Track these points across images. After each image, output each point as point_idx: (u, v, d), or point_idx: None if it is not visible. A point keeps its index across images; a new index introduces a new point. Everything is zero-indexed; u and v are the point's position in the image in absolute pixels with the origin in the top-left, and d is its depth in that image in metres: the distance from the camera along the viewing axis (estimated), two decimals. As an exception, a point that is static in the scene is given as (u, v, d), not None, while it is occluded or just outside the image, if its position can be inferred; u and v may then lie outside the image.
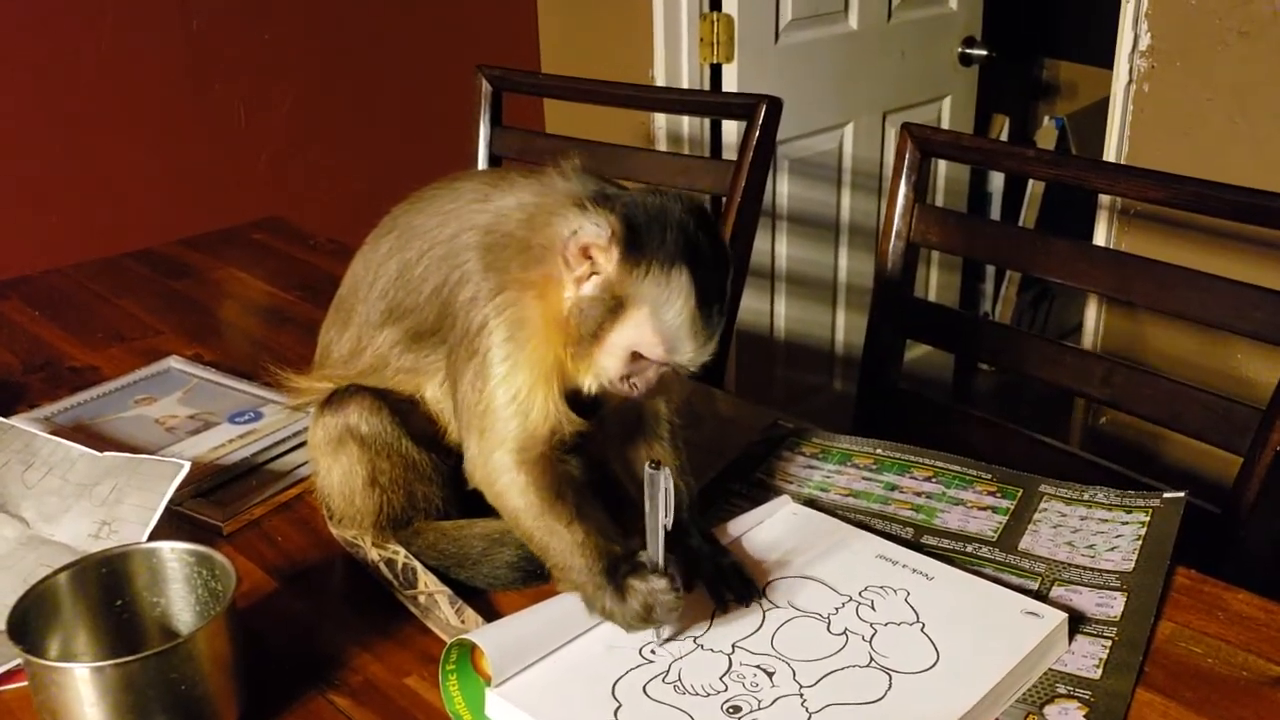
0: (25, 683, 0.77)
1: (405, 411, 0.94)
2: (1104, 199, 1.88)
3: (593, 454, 0.94)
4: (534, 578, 0.91)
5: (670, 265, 0.79)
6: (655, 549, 0.81)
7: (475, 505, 0.94)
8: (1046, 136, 3.07)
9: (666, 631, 0.82)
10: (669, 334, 0.80)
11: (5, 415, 1.12)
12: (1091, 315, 1.92)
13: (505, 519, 0.87)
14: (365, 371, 0.95)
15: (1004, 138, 3.18)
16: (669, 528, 0.81)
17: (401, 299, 0.91)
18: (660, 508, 0.80)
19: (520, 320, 0.83)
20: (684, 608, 0.81)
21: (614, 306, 0.81)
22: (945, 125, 2.76)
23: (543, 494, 0.84)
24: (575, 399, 0.86)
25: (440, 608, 0.89)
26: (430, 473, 0.94)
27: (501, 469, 0.85)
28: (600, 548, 0.83)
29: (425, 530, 0.94)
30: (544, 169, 0.89)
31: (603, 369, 0.83)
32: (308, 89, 2.23)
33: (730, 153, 2.35)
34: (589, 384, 0.84)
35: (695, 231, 0.81)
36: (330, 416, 0.93)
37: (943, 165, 2.71)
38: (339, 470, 0.93)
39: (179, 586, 0.84)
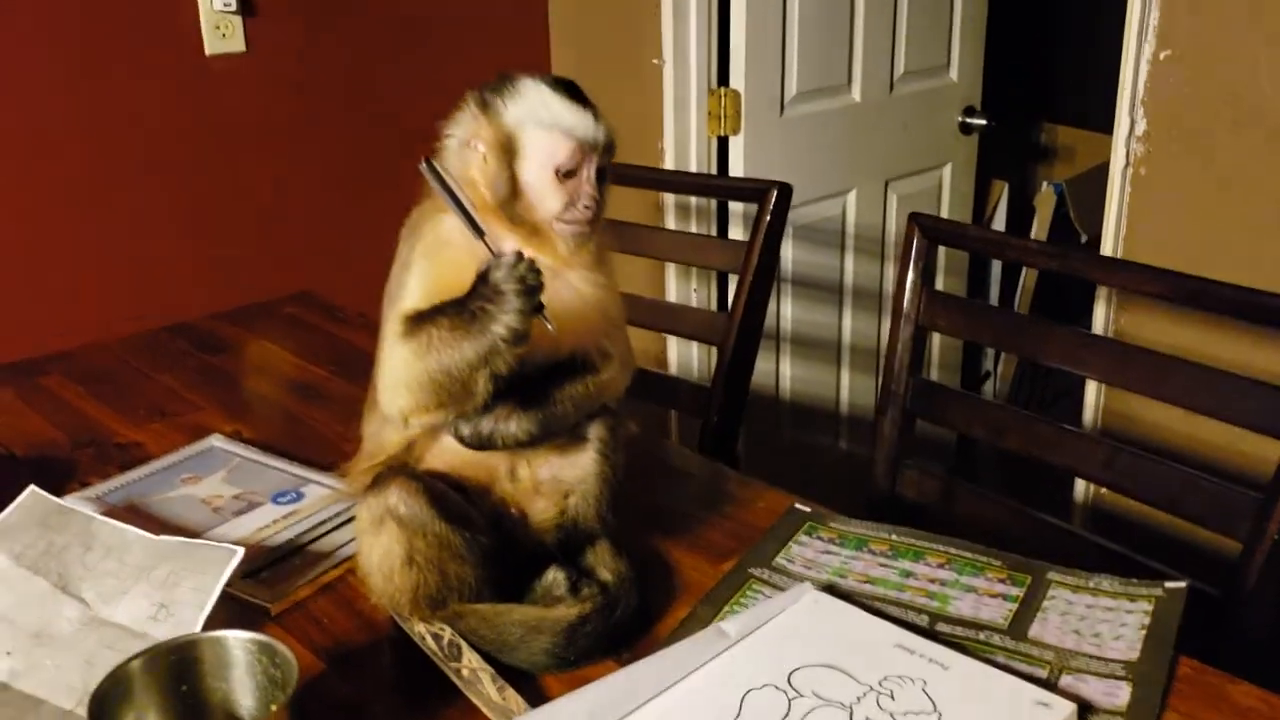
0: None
1: (442, 493, 0.99)
2: (1103, 276, 1.95)
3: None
4: (569, 664, 0.96)
5: (515, 83, 0.94)
6: (475, 231, 0.90)
7: (508, 586, 1.01)
8: (1045, 202, 3.14)
9: (550, 323, 0.90)
10: (556, 121, 0.93)
11: (58, 494, 1.17)
12: (1091, 393, 1.98)
13: (427, 401, 0.93)
14: (400, 443, 1.02)
15: (1003, 203, 3.26)
16: (468, 205, 0.91)
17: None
18: (453, 189, 0.90)
19: (435, 237, 0.95)
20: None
21: (510, 151, 0.93)
22: (946, 192, 2.84)
23: (411, 334, 0.92)
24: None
25: (483, 684, 0.94)
26: (464, 552, 0.98)
27: (389, 355, 0.93)
28: (459, 310, 0.89)
29: (465, 614, 0.99)
30: None
31: (544, 207, 0.94)
32: (335, 164, 2.31)
33: (737, 221, 2.42)
34: (562, 237, 0.95)
35: (527, 74, 0.95)
36: (373, 498, 0.98)
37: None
38: (379, 549, 0.98)
39: (240, 673, 0.89)
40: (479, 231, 0.91)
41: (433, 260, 0.95)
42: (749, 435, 2.53)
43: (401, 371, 0.93)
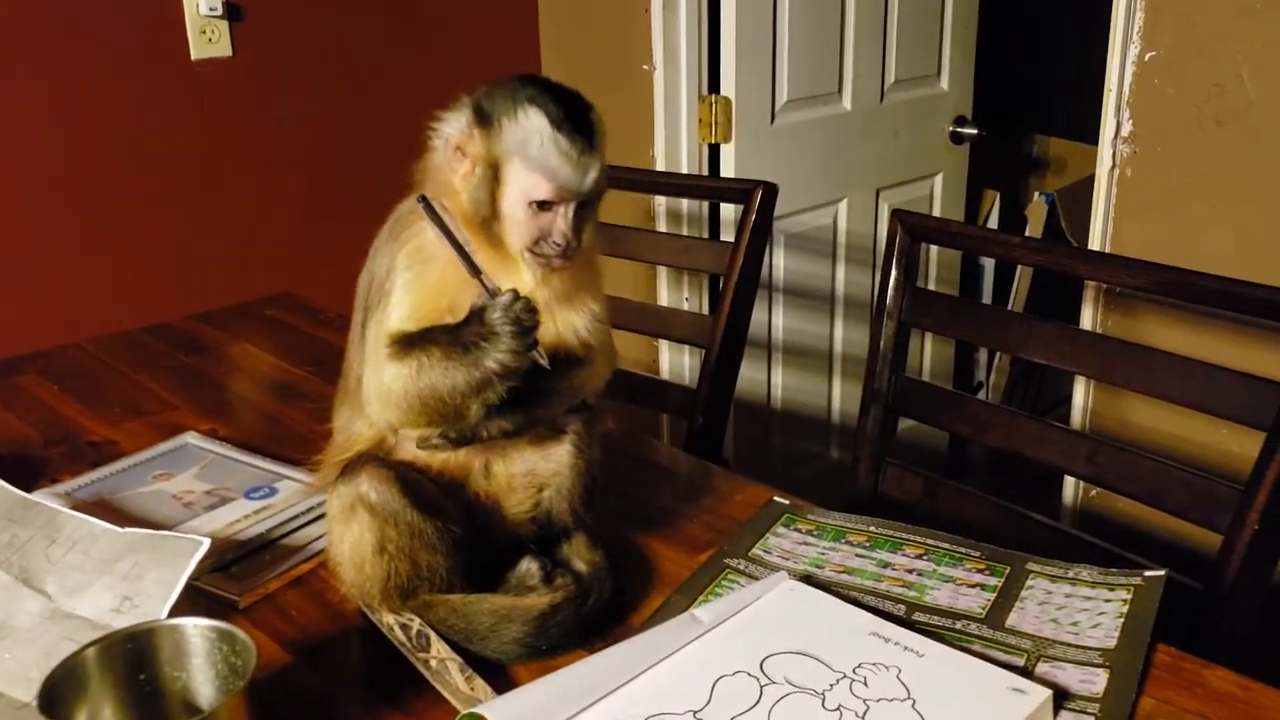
0: (53, 755, 0.80)
1: (414, 482, 0.98)
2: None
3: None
4: (540, 653, 0.94)
5: (515, 108, 0.88)
6: (470, 269, 0.90)
7: (479, 576, 0.99)
8: (1037, 211, 3.14)
9: (542, 357, 0.89)
10: (543, 164, 0.89)
11: (27, 490, 1.15)
12: (1079, 392, 1.97)
13: (414, 417, 0.92)
14: (372, 436, 1.00)
15: (995, 213, 3.26)
16: (465, 244, 0.90)
17: (362, 318, 0.98)
18: (449, 228, 0.90)
19: (420, 245, 0.93)
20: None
21: (494, 175, 0.89)
22: (937, 201, 2.84)
23: (402, 356, 0.90)
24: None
25: (451, 674, 0.92)
26: (435, 541, 0.97)
27: (377, 372, 0.92)
28: (453, 339, 0.89)
29: (435, 604, 0.98)
30: None
31: (516, 236, 0.91)
32: (319, 168, 2.31)
33: (728, 228, 2.42)
34: (526, 263, 0.92)
35: (531, 82, 0.90)
36: (344, 486, 0.97)
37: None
38: (350, 538, 0.97)
39: (200, 661, 0.87)
40: (475, 270, 0.90)
41: (418, 273, 0.93)
42: (739, 443, 2.51)
43: (391, 390, 0.92)
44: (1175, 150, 1.79)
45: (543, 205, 0.90)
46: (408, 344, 0.91)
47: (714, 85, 2.39)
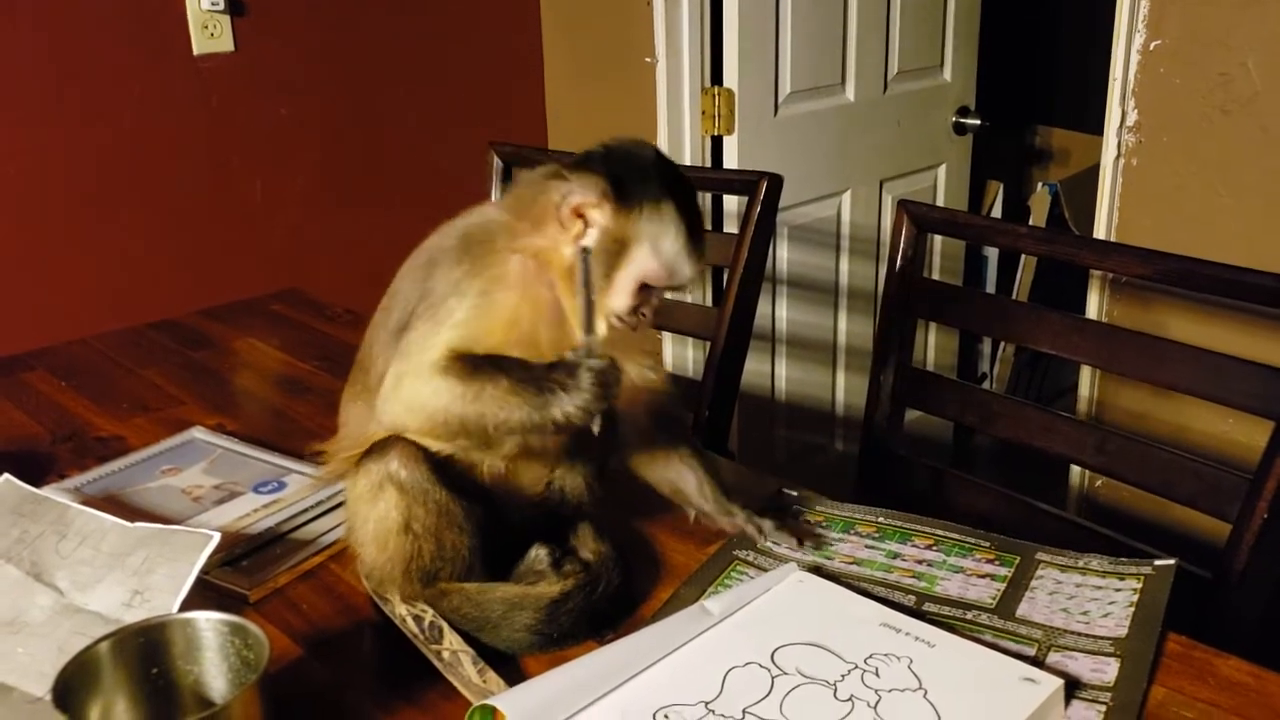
0: (68, 749, 0.81)
1: (442, 462, 0.98)
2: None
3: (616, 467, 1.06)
4: (552, 642, 0.95)
5: (658, 202, 0.91)
6: (585, 324, 0.91)
7: (492, 564, 1.00)
8: (1040, 202, 3.14)
9: (599, 424, 0.90)
10: (669, 261, 0.92)
11: (36, 486, 1.15)
12: (1086, 381, 1.96)
13: (440, 433, 0.93)
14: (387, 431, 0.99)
15: (998, 204, 3.25)
16: (595, 302, 0.91)
17: (397, 320, 0.97)
18: (585, 284, 0.91)
19: (498, 278, 0.93)
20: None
21: (617, 250, 0.91)
22: (940, 192, 2.84)
23: (461, 376, 0.90)
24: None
25: (463, 666, 0.92)
26: (461, 521, 0.97)
27: (420, 382, 0.91)
28: (526, 376, 0.90)
29: (450, 593, 0.98)
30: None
31: (616, 305, 0.93)
32: (323, 163, 2.31)
33: (731, 221, 2.42)
34: (600, 325, 0.93)
35: (664, 168, 0.94)
36: (373, 464, 0.97)
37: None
38: (375, 516, 0.97)
39: (212, 655, 0.87)
40: (590, 327, 0.92)
41: (494, 300, 0.93)
42: (745, 436, 2.51)
43: (430, 404, 0.91)
44: (1181, 140, 1.79)
45: (644, 287, 0.94)
46: (473, 367, 0.91)
47: (716, 77, 2.39)
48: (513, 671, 0.92)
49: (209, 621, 0.86)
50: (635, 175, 0.92)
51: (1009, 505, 1.35)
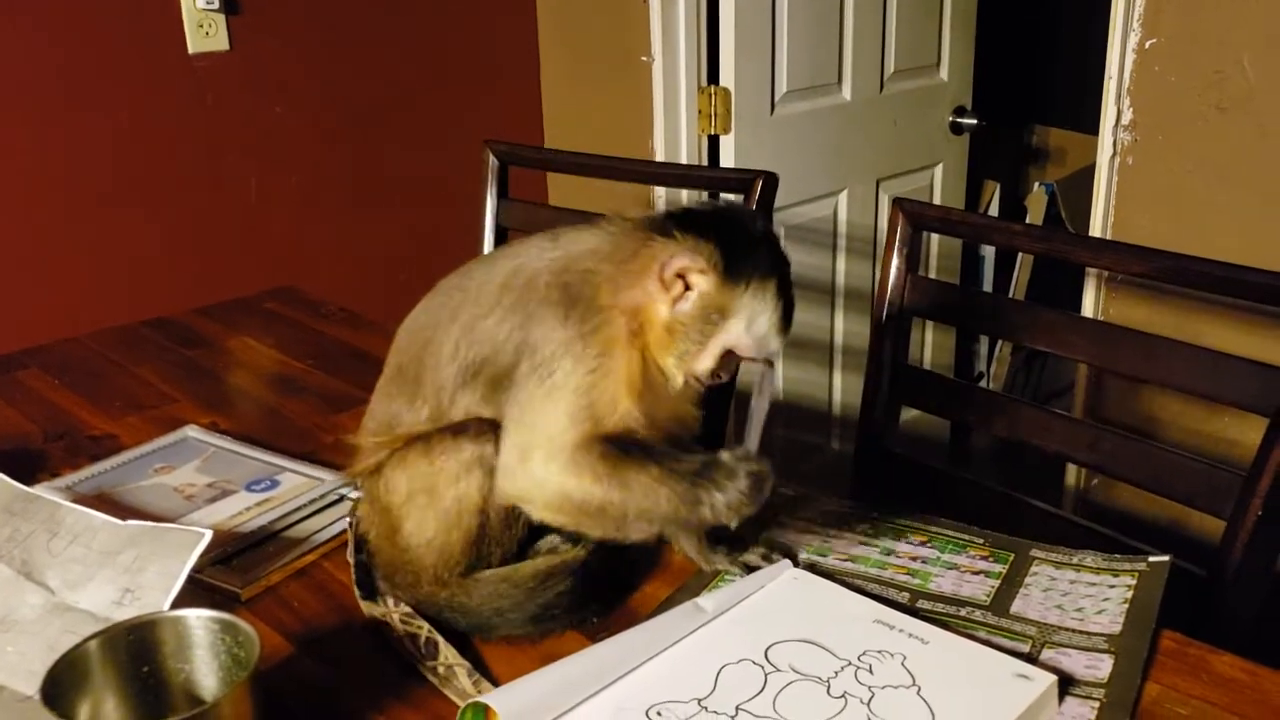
0: (57, 748, 0.80)
1: None
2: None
3: None
4: (540, 621, 0.96)
5: (764, 280, 0.91)
6: (752, 438, 0.95)
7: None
8: (1037, 202, 3.14)
9: (737, 523, 0.91)
10: (761, 336, 0.93)
11: (28, 484, 1.15)
12: (1082, 380, 1.96)
13: (567, 517, 0.93)
14: (429, 420, 1.00)
15: (995, 204, 3.25)
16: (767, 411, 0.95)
17: (477, 354, 0.96)
18: (764, 399, 0.95)
19: (611, 339, 0.92)
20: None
21: (713, 318, 0.91)
22: (937, 192, 2.83)
23: (605, 459, 0.90)
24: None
25: (459, 679, 0.92)
26: (518, 511, 0.98)
27: (557, 463, 0.91)
28: (678, 467, 0.90)
29: (483, 580, 0.99)
30: (597, 220, 0.99)
31: (701, 369, 0.94)
32: (318, 162, 2.30)
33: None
34: (678, 380, 0.95)
35: (769, 244, 0.94)
36: (469, 444, 0.96)
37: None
38: (452, 495, 0.97)
39: (203, 653, 0.87)
40: (753, 437, 0.97)
41: (607, 363, 0.92)
42: (740, 436, 2.51)
43: (571, 485, 0.91)
44: (1176, 138, 1.78)
45: (727, 354, 0.94)
46: (621, 451, 0.90)
47: (713, 76, 2.38)
48: (506, 681, 0.92)
49: (199, 619, 0.86)
50: (743, 247, 0.92)
51: (1005, 504, 1.35)
